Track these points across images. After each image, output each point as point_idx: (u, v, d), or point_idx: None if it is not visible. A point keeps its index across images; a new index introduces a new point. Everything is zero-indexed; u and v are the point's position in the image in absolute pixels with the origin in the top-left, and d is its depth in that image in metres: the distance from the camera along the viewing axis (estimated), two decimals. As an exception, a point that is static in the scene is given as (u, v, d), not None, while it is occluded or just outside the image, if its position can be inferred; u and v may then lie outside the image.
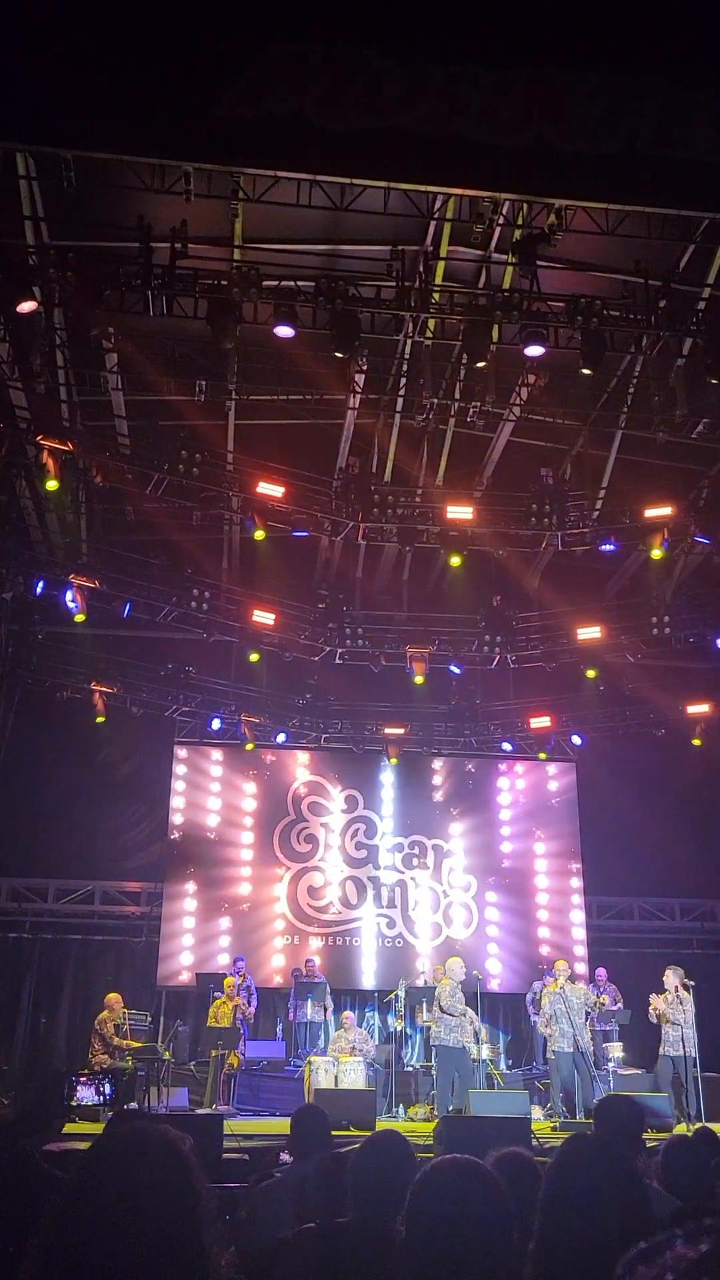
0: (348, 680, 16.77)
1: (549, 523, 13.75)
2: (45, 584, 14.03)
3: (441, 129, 9.71)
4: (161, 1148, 1.49)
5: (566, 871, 17.75)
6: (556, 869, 17.80)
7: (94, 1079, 11.28)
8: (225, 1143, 8.60)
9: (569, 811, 18.03)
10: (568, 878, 17.72)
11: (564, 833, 17.95)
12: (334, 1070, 12.40)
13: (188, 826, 17.04)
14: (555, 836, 17.96)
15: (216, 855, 17.03)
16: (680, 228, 10.95)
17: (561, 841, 17.91)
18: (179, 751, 17.29)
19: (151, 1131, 1.52)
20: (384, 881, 17.35)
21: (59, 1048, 15.71)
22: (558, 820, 18.05)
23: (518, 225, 10.86)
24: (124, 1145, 1.51)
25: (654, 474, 14.45)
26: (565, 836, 17.92)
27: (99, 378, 13.15)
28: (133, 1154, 1.48)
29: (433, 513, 13.86)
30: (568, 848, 17.85)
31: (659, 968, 13.27)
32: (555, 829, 18.01)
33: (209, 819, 17.20)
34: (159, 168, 9.92)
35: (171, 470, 12.90)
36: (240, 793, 17.46)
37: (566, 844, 17.88)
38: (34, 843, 16.33)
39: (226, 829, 17.20)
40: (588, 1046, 12.26)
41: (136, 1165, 1.45)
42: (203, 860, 16.94)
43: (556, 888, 17.70)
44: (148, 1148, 1.49)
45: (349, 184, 10.21)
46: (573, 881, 17.68)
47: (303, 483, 13.83)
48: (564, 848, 17.87)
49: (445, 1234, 1.87)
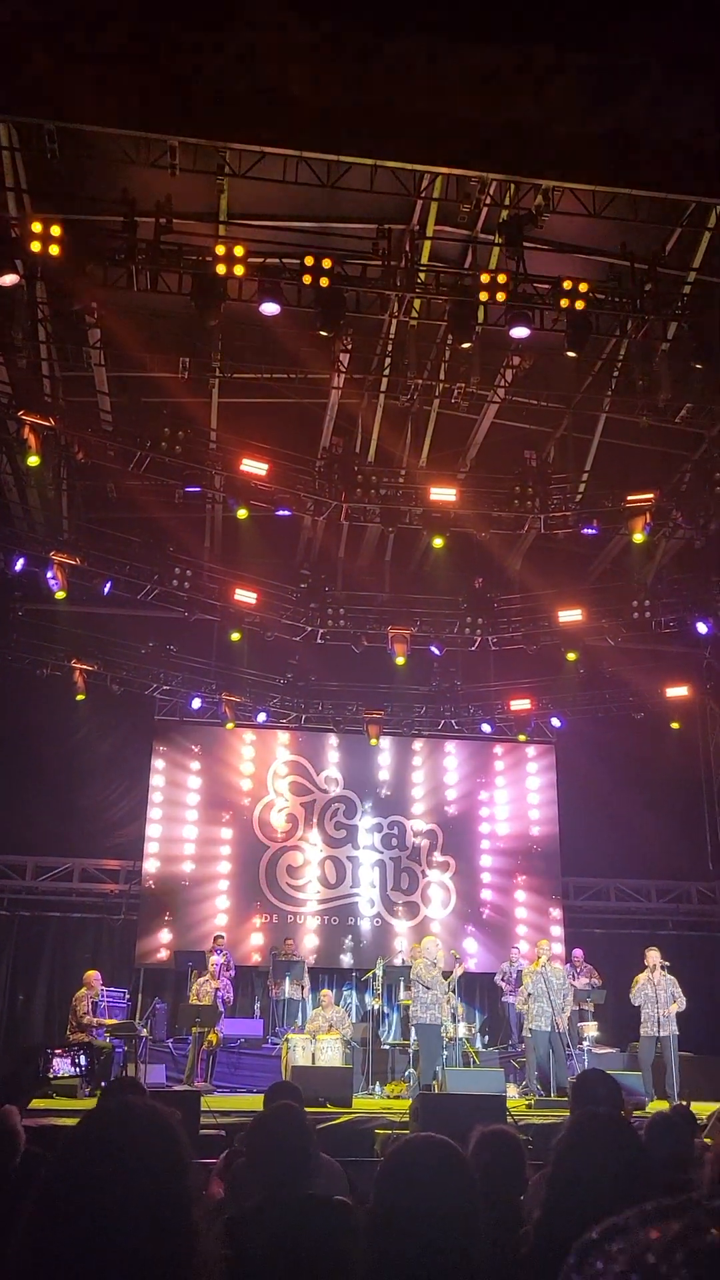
0: (329, 660, 16.79)
1: (532, 505, 13.76)
2: (25, 561, 13.94)
3: (428, 107, 9.66)
4: (150, 1122, 1.49)
5: (544, 853, 17.85)
6: (534, 850, 17.90)
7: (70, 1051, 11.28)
8: (203, 1119, 8.65)
9: (547, 793, 18.13)
10: (546, 859, 17.83)
11: (542, 814, 18.04)
12: (311, 1048, 12.47)
13: (167, 805, 17.04)
14: (533, 819, 18.06)
15: (195, 833, 17.04)
16: (667, 211, 10.95)
17: (539, 823, 18.01)
18: (159, 729, 17.27)
19: (140, 1105, 1.53)
20: (363, 861, 17.42)
21: (37, 1025, 15.74)
22: (536, 802, 18.14)
23: (505, 206, 10.82)
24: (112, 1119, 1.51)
25: (637, 458, 14.48)
26: (543, 818, 18.02)
27: (81, 353, 13.05)
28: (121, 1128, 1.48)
29: (416, 494, 13.84)
30: (546, 829, 17.96)
31: (635, 949, 13.38)
32: (533, 810, 18.10)
33: (188, 798, 17.20)
34: (144, 141, 9.82)
35: (154, 448, 12.82)
36: (219, 772, 17.46)
37: (544, 825, 17.98)
38: (12, 820, 16.28)
39: (206, 808, 17.20)
40: (565, 1026, 12.38)
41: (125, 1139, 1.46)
42: (181, 838, 16.95)
43: (534, 868, 17.80)
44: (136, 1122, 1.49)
45: (335, 161, 10.14)
46: (550, 863, 17.80)
47: (286, 462, 13.78)
48: (542, 829, 17.98)
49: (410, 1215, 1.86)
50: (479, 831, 17.98)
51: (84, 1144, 1.47)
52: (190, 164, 10.05)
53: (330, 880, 17.25)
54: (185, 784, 17.26)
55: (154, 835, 16.82)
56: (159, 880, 16.66)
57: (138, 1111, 1.52)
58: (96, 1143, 1.47)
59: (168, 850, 16.86)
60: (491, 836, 17.98)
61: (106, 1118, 1.52)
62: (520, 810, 18.12)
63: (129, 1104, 1.55)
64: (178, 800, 17.14)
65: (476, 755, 18.42)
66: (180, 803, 17.15)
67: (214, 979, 13.48)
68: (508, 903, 17.64)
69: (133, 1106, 1.53)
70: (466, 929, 17.31)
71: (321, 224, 11.80)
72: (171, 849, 16.88)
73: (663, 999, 12.05)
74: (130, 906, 16.57)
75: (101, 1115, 1.54)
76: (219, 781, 17.41)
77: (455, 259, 12.39)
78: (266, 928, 16.76)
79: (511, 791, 18.23)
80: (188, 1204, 1.44)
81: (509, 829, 18.03)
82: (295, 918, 16.94)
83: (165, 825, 16.94)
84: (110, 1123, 1.50)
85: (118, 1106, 1.54)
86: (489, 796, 18.20)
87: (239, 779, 17.50)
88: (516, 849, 17.93)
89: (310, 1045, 12.50)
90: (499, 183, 10.57)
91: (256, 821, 17.31)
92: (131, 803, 17.07)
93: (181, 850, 16.92)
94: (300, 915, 17.00)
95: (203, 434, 13.81)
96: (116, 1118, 1.51)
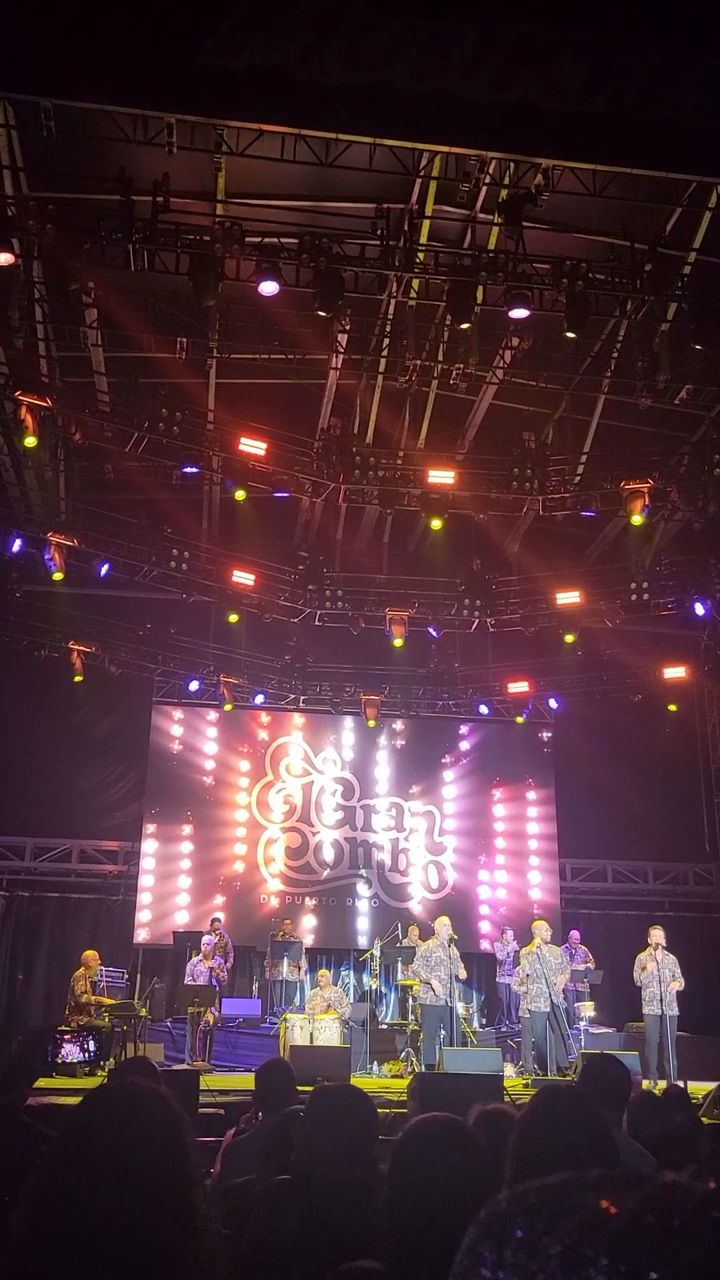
0: (327, 642, 16.79)
1: (530, 487, 13.73)
2: (23, 542, 13.92)
3: (427, 85, 9.57)
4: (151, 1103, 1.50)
5: (541, 834, 17.91)
6: (531, 831, 17.96)
7: (78, 1036, 11.36)
8: (201, 1097, 8.70)
9: (545, 775, 18.17)
10: (543, 840, 17.88)
11: (539, 796, 18.09)
12: (309, 1027, 12.52)
13: (165, 786, 17.07)
14: (531, 800, 18.11)
15: (194, 815, 17.08)
16: (667, 190, 10.88)
17: (537, 805, 18.06)
18: (157, 711, 17.28)
19: (142, 1086, 1.54)
20: (361, 843, 17.47)
21: (36, 1005, 15.81)
22: (533, 784, 18.18)
23: (504, 185, 10.75)
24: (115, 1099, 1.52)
25: (636, 439, 14.44)
26: (541, 800, 18.06)
27: (79, 333, 12.97)
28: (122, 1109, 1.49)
29: (414, 475, 13.81)
30: (543, 811, 18.01)
31: (631, 930, 13.47)
32: (530, 791, 18.15)
33: (187, 780, 17.23)
34: (141, 119, 9.73)
35: (152, 428, 12.78)
36: (219, 754, 17.48)
37: (542, 807, 18.03)
38: (11, 801, 16.32)
39: (204, 790, 17.24)
40: (562, 1006, 12.43)
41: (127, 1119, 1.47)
42: (181, 820, 17.00)
43: (531, 850, 17.86)
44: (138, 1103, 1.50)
45: (333, 139, 10.07)
46: (547, 844, 17.85)
47: (284, 443, 13.74)
48: (539, 811, 18.03)
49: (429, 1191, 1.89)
50: (476, 812, 18.02)
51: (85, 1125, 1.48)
52: (188, 142, 9.97)
53: (329, 861, 17.30)
54: (183, 765, 17.28)
55: (152, 816, 16.86)
56: (157, 860, 16.71)
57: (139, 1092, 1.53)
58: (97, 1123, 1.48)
59: (166, 831, 16.90)
60: (489, 817, 18.02)
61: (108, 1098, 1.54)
62: (517, 791, 18.16)
63: (130, 1085, 1.56)
64: (176, 782, 17.17)
65: (474, 737, 18.45)
66: (178, 784, 17.17)
67: (208, 959, 13.54)
68: (504, 885, 17.69)
69: (134, 1087, 1.54)
70: (463, 910, 17.36)
71: (320, 203, 11.72)
72: (169, 830, 16.92)
73: (665, 977, 12.13)
74: (129, 887, 16.62)
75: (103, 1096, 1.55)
76: (217, 763, 17.43)
77: (454, 239, 12.32)
78: (265, 909, 16.81)
79: (508, 773, 18.26)
80: (188, 1185, 1.46)
81: (506, 810, 18.07)
82: (294, 899, 17.00)
83: (163, 806, 16.98)
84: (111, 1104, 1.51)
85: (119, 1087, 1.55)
86: (487, 778, 18.23)
87: (237, 760, 17.52)
88: (514, 830, 17.98)
89: (308, 1025, 12.56)
90: (498, 162, 10.50)
91: (255, 802, 17.34)
92: (130, 784, 17.11)
93: (180, 831, 16.96)
94: (298, 896, 17.05)
95: (200, 415, 13.77)
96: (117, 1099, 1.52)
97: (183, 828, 16.98)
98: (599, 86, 9.57)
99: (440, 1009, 12.09)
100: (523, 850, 17.88)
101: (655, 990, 12.11)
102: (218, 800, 17.25)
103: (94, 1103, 1.54)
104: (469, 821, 17.96)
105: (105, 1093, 1.56)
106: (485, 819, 18.02)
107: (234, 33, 9.18)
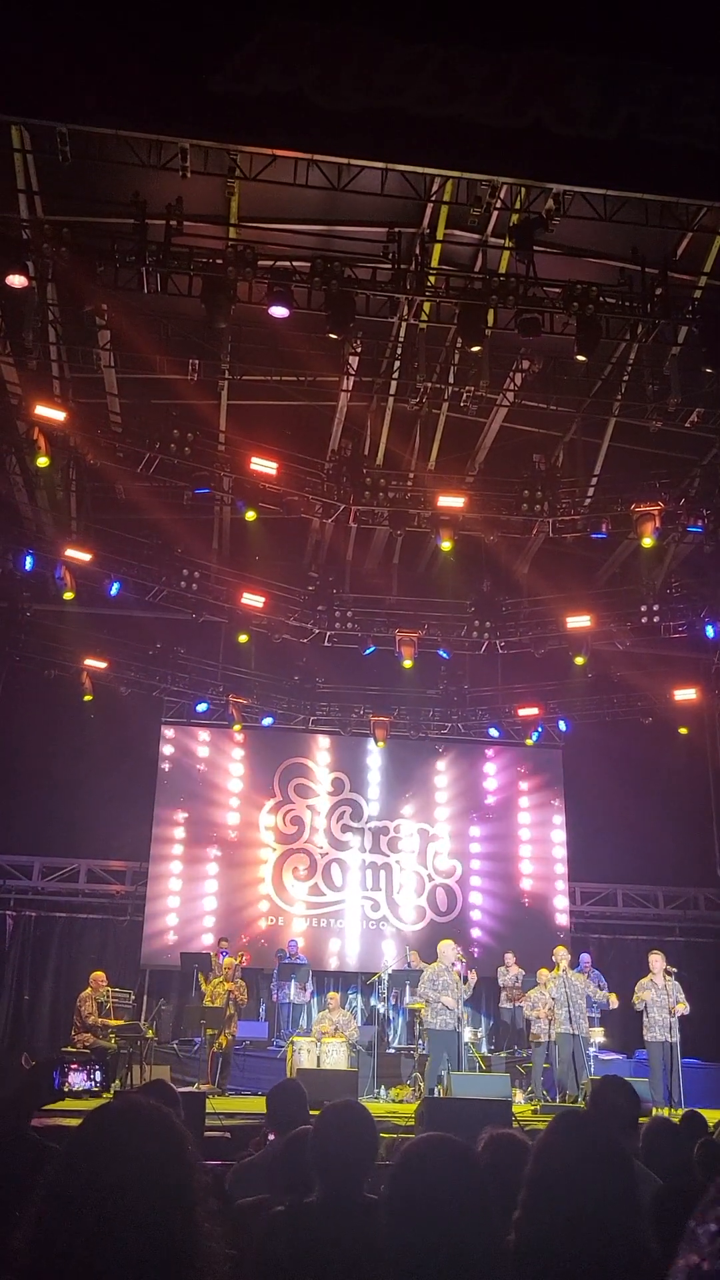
0: (336, 663, 16.78)
1: (540, 509, 13.74)
2: (35, 560, 13.97)
3: (440, 110, 9.65)
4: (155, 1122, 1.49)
5: (550, 857, 17.83)
6: (540, 854, 17.88)
7: (84, 1064, 11.24)
8: (208, 1120, 8.63)
9: (554, 797, 18.10)
10: (551, 863, 17.80)
11: (548, 819, 18.02)
12: (316, 1051, 12.45)
13: (173, 807, 17.05)
14: (540, 822, 18.04)
15: (202, 836, 17.05)
16: (678, 215, 10.91)
17: (546, 827, 17.99)
18: (166, 732, 17.29)
19: (145, 1106, 1.53)
20: (369, 864, 17.41)
21: (42, 1025, 15.76)
22: (542, 806, 18.12)
23: (515, 210, 10.81)
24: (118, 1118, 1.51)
25: (646, 462, 14.44)
26: (550, 822, 17.99)
27: (91, 354, 13.06)
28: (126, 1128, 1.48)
29: (424, 497, 13.84)
30: (552, 834, 17.93)
31: (641, 955, 13.34)
32: (540, 815, 18.08)
33: (194, 800, 17.21)
34: (155, 144, 9.82)
35: (163, 449, 12.83)
36: (226, 774, 17.47)
37: (551, 830, 17.95)
38: (20, 820, 16.33)
39: (212, 810, 17.22)
40: (585, 1033, 12.28)
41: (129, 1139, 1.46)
42: (187, 840, 16.96)
43: (540, 873, 17.78)
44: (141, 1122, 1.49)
45: (346, 164, 10.14)
46: (556, 868, 17.77)
47: (295, 464, 13.79)
48: (548, 833, 17.95)
49: (426, 1211, 1.88)
50: (484, 835, 17.94)
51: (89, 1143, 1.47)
52: (201, 166, 10.04)
53: (336, 883, 17.24)
54: (191, 786, 17.27)
55: (160, 836, 16.82)
56: (165, 880, 16.67)
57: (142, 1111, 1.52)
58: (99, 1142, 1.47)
59: (174, 851, 16.86)
60: (498, 840, 17.94)
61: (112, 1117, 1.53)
62: (526, 813, 18.08)
63: (135, 1104, 1.55)
64: (184, 802, 17.15)
65: (483, 759, 18.40)
66: (186, 805, 17.15)
67: (227, 981, 13.43)
68: (512, 908, 17.59)
69: (138, 1106, 1.53)
70: (471, 934, 17.26)
71: (332, 226, 11.80)
72: (178, 850, 16.88)
73: (668, 1003, 12.01)
74: (136, 907, 16.58)
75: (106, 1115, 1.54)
76: (224, 784, 17.41)
77: (465, 263, 12.39)
78: (271, 930, 16.75)
79: (518, 796, 18.20)
80: (191, 1204, 1.45)
81: (515, 833, 17.99)
82: (301, 920, 16.93)
83: (171, 826, 16.95)
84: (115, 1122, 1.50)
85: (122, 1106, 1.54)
86: (495, 800, 18.17)
87: (245, 781, 17.50)
88: (522, 853, 17.90)
89: (315, 1048, 12.49)
90: (510, 186, 10.55)
91: (263, 824, 17.31)
92: (138, 804, 17.08)
93: (187, 852, 16.92)
94: (306, 918, 16.99)
95: (211, 436, 13.82)
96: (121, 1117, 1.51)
97: (190, 849, 16.94)
98: (611, 112, 9.63)
99: (447, 1034, 11.98)
100: (531, 873, 17.79)
101: (659, 1016, 12.00)
102: (225, 821, 17.22)
103: (97, 1121, 1.53)
104: (476, 844, 17.87)
105: (108, 1112, 1.55)
106: (492, 840, 17.93)
107: (249, 59, 9.28)
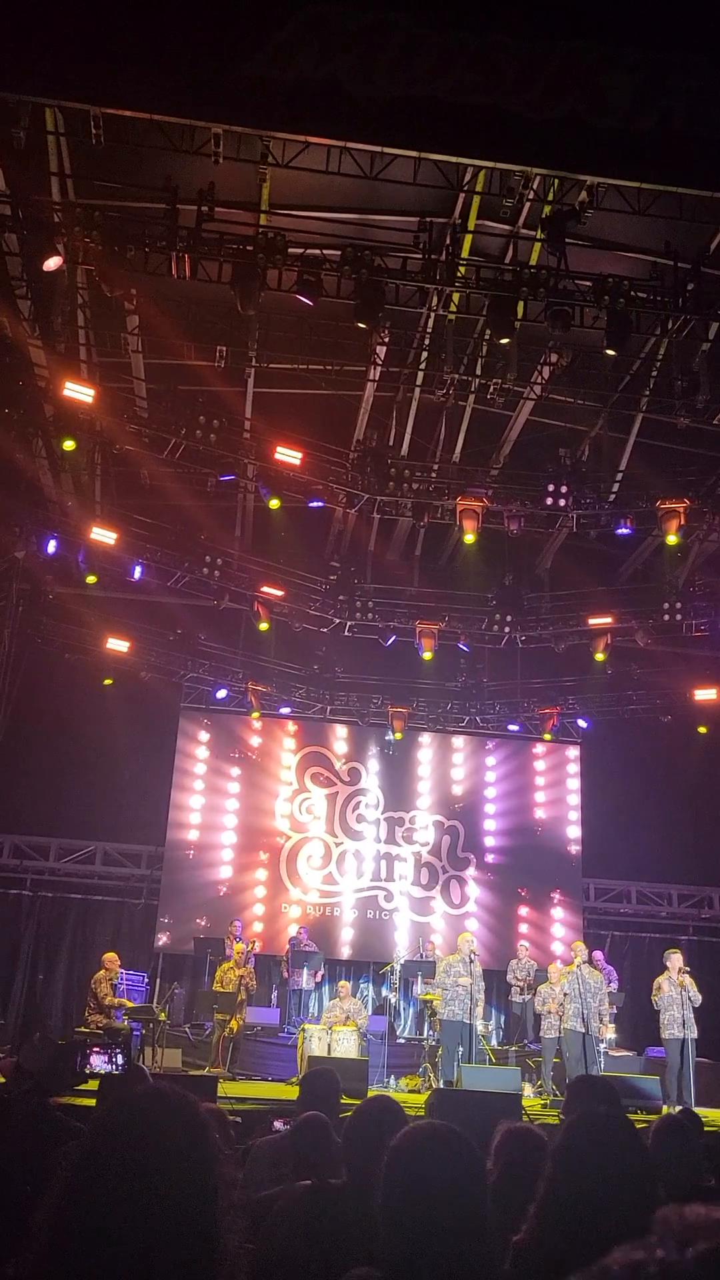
0: (356, 653, 16.78)
1: (564, 504, 13.68)
2: (58, 544, 14.02)
3: (475, 100, 9.57)
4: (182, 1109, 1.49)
5: (565, 854, 17.79)
6: (555, 850, 17.85)
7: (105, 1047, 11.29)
8: (219, 1104, 8.67)
9: (570, 794, 18.06)
10: (566, 860, 17.76)
11: (564, 815, 17.98)
12: (327, 1039, 12.49)
13: (191, 791, 17.11)
14: (555, 818, 18.00)
15: (218, 822, 17.11)
16: (712, 210, 10.80)
17: (561, 823, 17.96)
18: (185, 716, 17.34)
19: (171, 1091, 1.53)
20: (381, 855, 17.42)
21: (56, 1006, 15.87)
22: (558, 802, 18.08)
23: (548, 201, 10.72)
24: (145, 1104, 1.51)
25: (672, 459, 14.36)
26: (565, 819, 17.96)
27: (119, 339, 13.08)
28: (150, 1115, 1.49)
29: (448, 488, 13.80)
30: (567, 830, 17.90)
31: (654, 953, 13.32)
32: (556, 810, 18.04)
33: (212, 785, 17.27)
34: (188, 129, 9.80)
35: (189, 435, 12.83)
36: (244, 761, 17.51)
37: (566, 826, 17.92)
38: (37, 802, 16.41)
39: (229, 796, 17.26)
40: (596, 1029, 12.26)
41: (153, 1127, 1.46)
42: (204, 825, 17.03)
43: (554, 869, 17.74)
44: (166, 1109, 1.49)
45: (379, 152, 10.08)
46: (571, 864, 17.73)
47: (319, 453, 13.77)
48: (563, 830, 17.92)
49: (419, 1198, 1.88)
50: (501, 829, 17.93)
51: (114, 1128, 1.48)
52: (233, 152, 10.01)
53: (349, 872, 17.27)
54: (209, 771, 17.32)
55: (177, 821, 16.89)
56: (180, 865, 16.74)
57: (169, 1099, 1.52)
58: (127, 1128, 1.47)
59: (190, 836, 16.93)
60: (514, 834, 17.92)
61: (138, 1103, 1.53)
62: (543, 810, 18.06)
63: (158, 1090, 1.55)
64: (201, 787, 17.21)
65: (501, 753, 18.38)
66: (204, 790, 17.21)
67: (239, 966, 13.49)
68: (525, 902, 17.58)
69: (164, 1094, 1.53)
70: (487, 925, 17.26)
71: (363, 215, 11.76)
72: (194, 835, 16.95)
73: (685, 1001, 11.99)
74: (151, 890, 16.66)
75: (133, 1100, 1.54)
76: (242, 770, 17.46)
77: (496, 254, 12.33)
78: (285, 918, 16.80)
79: (535, 791, 18.17)
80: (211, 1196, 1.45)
81: (531, 828, 17.97)
82: (314, 909, 16.98)
83: (188, 812, 17.01)
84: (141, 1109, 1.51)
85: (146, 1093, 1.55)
86: (512, 795, 18.14)
87: (262, 768, 17.54)
88: (538, 848, 17.87)
89: (326, 1036, 12.52)
90: (542, 178, 10.48)
91: (279, 812, 17.35)
92: (155, 788, 17.15)
93: (204, 837, 16.99)
94: (319, 906, 17.03)
95: (237, 423, 13.82)
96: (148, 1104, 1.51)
97: (206, 833, 17.00)
98: (647, 104, 9.54)
99: (459, 1025, 12.00)
100: (545, 869, 17.75)
101: (676, 1013, 11.98)
102: (242, 807, 17.27)
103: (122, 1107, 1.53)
104: (491, 838, 17.86)
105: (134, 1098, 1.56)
106: (508, 835, 17.91)
107: (284, 45, 9.24)
